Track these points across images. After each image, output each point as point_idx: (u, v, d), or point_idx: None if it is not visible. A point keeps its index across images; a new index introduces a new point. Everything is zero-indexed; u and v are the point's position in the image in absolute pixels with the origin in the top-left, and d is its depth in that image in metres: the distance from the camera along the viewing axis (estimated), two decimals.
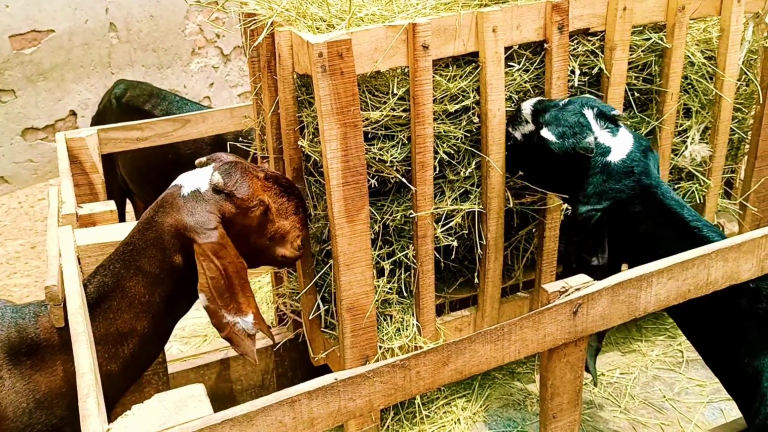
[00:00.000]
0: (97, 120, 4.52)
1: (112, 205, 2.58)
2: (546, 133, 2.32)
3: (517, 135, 2.51)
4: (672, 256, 2.00)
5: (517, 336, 1.84)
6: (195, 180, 2.14)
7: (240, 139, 3.53)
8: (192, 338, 3.58)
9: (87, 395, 1.59)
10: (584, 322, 1.92)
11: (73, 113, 6.67)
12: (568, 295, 1.89)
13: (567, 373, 2.00)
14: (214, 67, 7.44)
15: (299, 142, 2.49)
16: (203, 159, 2.29)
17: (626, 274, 1.95)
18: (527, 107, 2.46)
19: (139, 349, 2.09)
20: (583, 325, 1.92)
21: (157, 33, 6.98)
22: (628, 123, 2.85)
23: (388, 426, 2.84)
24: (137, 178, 4.30)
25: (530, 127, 2.44)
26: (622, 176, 2.23)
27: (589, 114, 2.31)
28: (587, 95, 2.62)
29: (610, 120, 2.32)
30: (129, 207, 4.81)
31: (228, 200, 2.09)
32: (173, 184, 2.17)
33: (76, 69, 6.60)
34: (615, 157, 2.25)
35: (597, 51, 2.70)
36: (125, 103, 4.32)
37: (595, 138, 2.27)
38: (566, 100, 2.42)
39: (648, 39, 2.77)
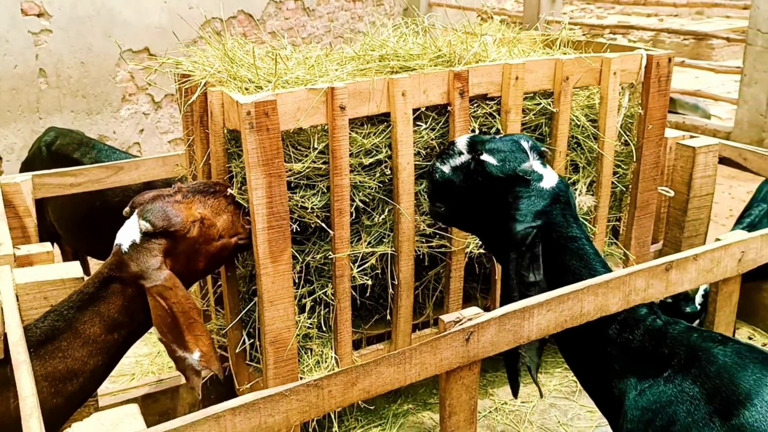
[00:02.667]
0: (26, 167, 4.61)
1: (48, 246, 2.74)
2: (487, 157, 2.47)
3: (446, 169, 2.60)
4: (550, 291, 2.34)
5: (417, 360, 2.12)
6: (127, 234, 2.30)
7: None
8: (120, 377, 3.69)
9: (30, 416, 1.76)
10: (476, 347, 2.22)
11: None
12: (462, 324, 2.19)
13: (463, 394, 2.29)
14: (145, 113, 7.57)
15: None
16: (127, 209, 2.42)
17: (511, 306, 2.27)
18: (462, 140, 2.62)
19: (88, 384, 2.24)
20: (475, 351, 2.22)
21: (87, 79, 7.09)
22: None
23: None
24: (66, 224, 4.40)
25: (464, 157, 2.57)
26: (552, 201, 2.42)
27: (526, 145, 2.52)
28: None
29: (539, 154, 2.54)
30: (56, 250, 4.88)
31: (164, 237, 2.28)
32: (115, 244, 2.32)
33: (3, 114, 6.63)
34: (546, 183, 2.44)
35: (494, 113, 3.08)
36: (54, 151, 4.44)
37: (531, 165, 2.46)
38: (501, 135, 2.68)
39: (538, 104, 3.18)
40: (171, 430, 1.73)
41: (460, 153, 2.59)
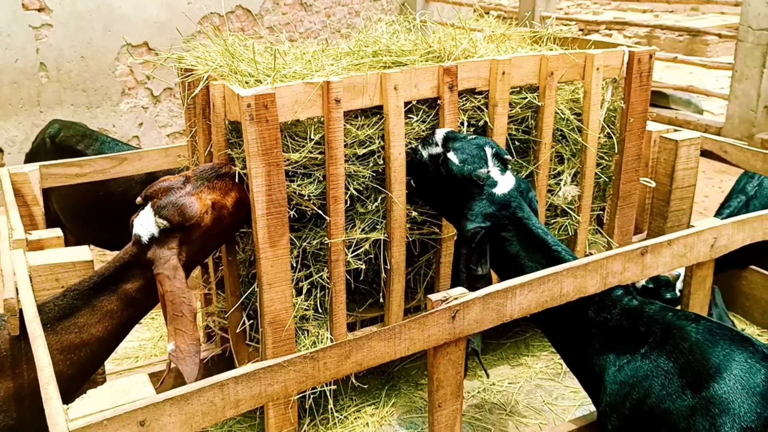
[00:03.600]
0: (30, 158, 4.73)
1: (58, 231, 2.89)
2: (451, 156, 2.75)
3: (425, 154, 2.90)
4: (532, 273, 2.49)
5: (406, 335, 2.27)
6: (146, 227, 2.43)
7: None
8: (124, 360, 3.84)
9: (47, 383, 1.91)
10: (461, 325, 2.37)
11: (0, 150, 6.79)
12: (448, 303, 2.34)
13: (449, 369, 2.44)
14: (144, 107, 7.69)
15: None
16: (140, 199, 2.54)
17: (495, 286, 2.42)
18: (440, 134, 2.88)
19: (101, 353, 2.40)
20: (461, 328, 2.38)
21: (87, 73, 7.21)
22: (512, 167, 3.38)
23: (305, 430, 3.20)
24: (70, 213, 4.54)
25: (438, 149, 2.84)
26: (501, 207, 2.67)
27: (488, 151, 2.76)
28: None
29: (502, 161, 2.78)
30: None
31: (180, 230, 2.44)
32: (134, 234, 2.45)
33: (4, 107, 6.76)
34: (499, 190, 2.69)
35: (482, 107, 3.23)
36: (59, 143, 4.57)
37: (488, 171, 2.71)
38: (473, 135, 2.89)
39: (524, 98, 3.33)
40: (180, 396, 1.88)
41: (436, 144, 2.86)
